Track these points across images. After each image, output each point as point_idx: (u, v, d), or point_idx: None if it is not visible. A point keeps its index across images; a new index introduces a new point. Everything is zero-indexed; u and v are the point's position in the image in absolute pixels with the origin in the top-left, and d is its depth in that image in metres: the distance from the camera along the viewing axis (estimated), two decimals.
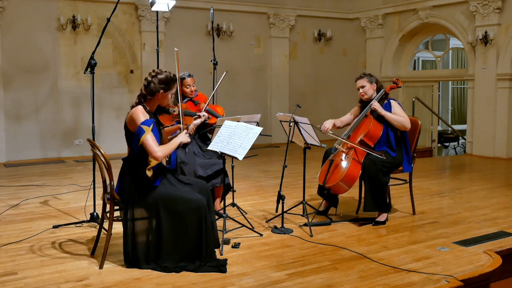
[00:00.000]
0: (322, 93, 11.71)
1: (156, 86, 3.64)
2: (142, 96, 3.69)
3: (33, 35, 8.79)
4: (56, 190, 6.32)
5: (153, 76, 3.67)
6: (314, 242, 4.27)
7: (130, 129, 3.64)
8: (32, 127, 8.86)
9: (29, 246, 4.15)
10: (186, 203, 3.57)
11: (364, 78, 4.94)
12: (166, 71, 3.72)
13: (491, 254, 3.94)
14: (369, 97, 4.90)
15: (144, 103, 3.68)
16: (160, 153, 3.54)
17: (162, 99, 3.72)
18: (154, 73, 3.68)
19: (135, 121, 3.56)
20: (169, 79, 3.68)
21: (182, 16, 9.89)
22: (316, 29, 11.51)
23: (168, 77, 3.68)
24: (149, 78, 3.68)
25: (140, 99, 3.70)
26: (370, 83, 4.90)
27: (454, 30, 9.78)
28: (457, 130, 12.78)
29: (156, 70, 3.71)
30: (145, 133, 3.52)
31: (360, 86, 4.93)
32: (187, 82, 5.11)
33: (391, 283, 3.43)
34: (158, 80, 3.65)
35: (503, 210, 5.40)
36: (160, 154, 3.54)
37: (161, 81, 3.65)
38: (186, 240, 3.59)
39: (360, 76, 5.00)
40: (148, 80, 3.67)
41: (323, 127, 4.90)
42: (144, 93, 3.68)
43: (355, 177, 4.70)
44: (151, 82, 3.65)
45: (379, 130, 4.76)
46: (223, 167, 4.73)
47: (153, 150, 3.52)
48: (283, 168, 4.72)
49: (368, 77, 4.94)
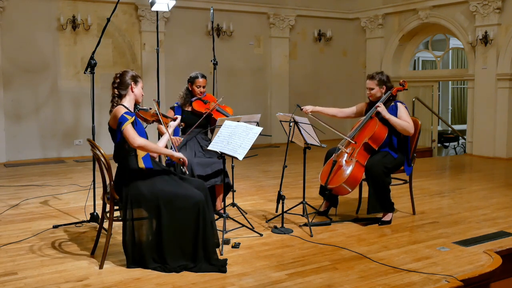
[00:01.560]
0: (322, 93, 11.71)
1: (126, 80, 3.80)
2: (117, 96, 3.81)
3: (33, 35, 8.79)
4: (56, 190, 6.32)
5: (119, 76, 3.84)
6: (314, 242, 4.27)
7: (114, 128, 3.71)
8: (32, 127, 8.87)
9: (29, 246, 4.15)
10: (185, 199, 3.58)
11: (374, 80, 4.86)
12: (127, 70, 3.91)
13: (491, 254, 3.94)
14: (376, 99, 4.89)
15: (122, 103, 3.76)
16: (138, 141, 3.59)
17: (135, 92, 3.83)
18: (118, 74, 3.86)
19: (117, 115, 3.65)
20: (135, 75, 3.86)
21: (182, 16, 9.90)
22: (316, 29, 11.51)
23: (133, 73, 3.86)
24: (116, 80, 3.83)
25: (115, 100, 3.80)
26: (379, 87, 4.86)
27: (454, 30, 9.78)
28: (457, 130, 12.78)
29: (117, 73, 3.88)
30: (127, 121, 3.61)
31: (369, 88, 4.91)
32: (199, 82, 5.08)
33: (391, 283, 3.43)
34: (125, 76, 3.82)
35: (503, 210, 5.40)
36: (137, 142, 3.59)
37: (129, 77, 3.82)
38: (185, 237, 3.58)
39: (372, 75, 4.91)
40: (117, 82, 3.82)
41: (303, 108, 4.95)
42: (117, 93, 3.80)
43: (358, 179, 4.71)
44: (120, 80, 3.81)
45: (384, 133, 4.75)
46: (223, 167, 4.73)
47: (131, 137, 3.60)
48: (283, 168, 4.72)
49: (379, 78, 4.86)
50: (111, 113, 3.74)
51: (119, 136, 3.68)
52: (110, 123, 3.75)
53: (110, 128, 3.76)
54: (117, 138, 3.70)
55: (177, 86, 9.00)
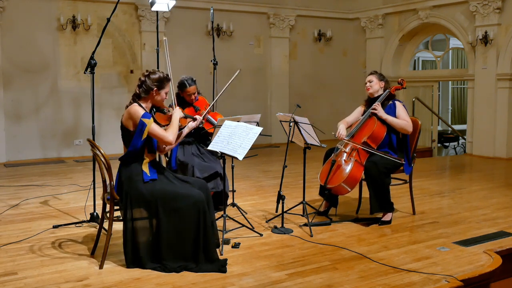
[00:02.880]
0: (322, 93, 11.71)
1: (150, 84, 3.70)
2: (136, 96, 3.75)
3: (33, 35, 8.79)
4: (56, 190, 6.32)
5: (147, 75, 3.73)
6: (314, 242, 4.27)
7: (128, 127, 3.66)
8: (32, 127, 8.86)
9: (29, 246, 4.15)
10: (185, 199, 3.57)
11: (374, 74, 4.97)
12: (160, 71, 3.80)
13: (491, 254, 3.94)
14: (373, 92, 4.90)
15: (139, 102, 3.72)
16: (171, 136, 3.67)
17: (156, 98, 3.76)
18: (147, 73, 3.75)
19: (134, 116, 3.61)
20: (162, 78, 3.75)
21: (182, 16, 9.90)
22: (316, 29, 11.51)
23: (162, 76, 3.75)
24: (142, 78, 3.74)
25: (134, 98, 3.75)
26: (379, 80, 4.91)
27: (454, 30, 9.78)
28: (457, 130, 12.78)
29: (149, 70, 3.78)
30: (148, 124, 3.57)
31: (368, 80, 4.94)
32: (189, 91, 4.98)
33: (391, 283, 3.43)
34: (152, 78, 3.71)
35: (503, 210, 5.40)
36: (171, 137, 3.67)
37: (155, 80, 3.72)
38: (186, 237, 3.58)
39: (371, 72, 5.02)
40: (141, 80, 3.73)
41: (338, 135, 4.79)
42: (138, 93, 3.74)
43: (358, 179, 4.71)
44: (145, 80, 3.71)
45: (383, 131, 4.75)
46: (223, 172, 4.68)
47: (163, 136, 3.64)
48: (283, 168, 4.71)
49: (379, 75, 4.96)
50: (126, 108, 3.70)
51: (140, 143, 3.61)
52: (123, 120, 3.69)
53: (123, 126, 3.69)
54: (137, 144, 3.61)
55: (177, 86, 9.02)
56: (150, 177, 3.66)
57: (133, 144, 3.64)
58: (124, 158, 3.73)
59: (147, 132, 3.59)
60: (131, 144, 3.65)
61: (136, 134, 3.61)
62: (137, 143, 3.62)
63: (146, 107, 3.74)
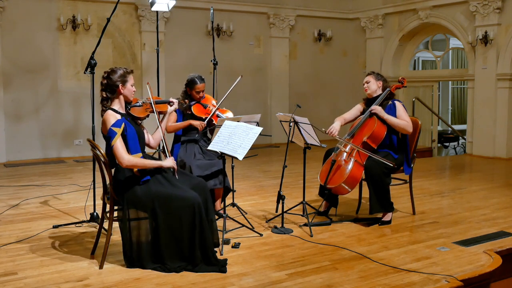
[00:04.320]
0: (322, 93, 11.71)
1: (113, 82, 3.67)
2: (105, 100, 3.72)
3: (33, 35, 8.79)
4: (56, 190, 6.32)
5: (106, 76, 3.71)
6: (314, 242, 4.27)
7: (104, 133, 3.67)
8: (32, 127, 8.86)
9: (29, 246, 4.15)
10: (180, 200, 3.56)
11: (371, 75, 4.96)
12: (116, 67, 3.76)
13: (491, 254, 3.94)
14: (372, 92, 4.89)
15: (111, 106, 3.70)
16: (126, 162, 3.55)
17: (125, 93, 3.72)
18: (105, 74, 3.72)
19: (106, 125, 3.60)
20: (124, 72, 3.71)
21: (182, 16, 9.90)
22: (316, 29, 11.51)
23: (122, 71, 3.71)
24: (103, 80, 3.72)
25: (104, 103, 3.72)
26: (376, 80, 4.90)
27: (454, 30, 9.78)
28: (457, 130, 12.78)
29: (107, 71, 3.74)
30: (115, 136, 3.54)
31: (365, 82, 4.94)
32: (199, 87, 4.98)
33: (391, 283, 3.43)
34: (112, 77, 3.68)
35: (503, 210, 5.40)
36: (126, 163, 3.54)
37: (116, 77, 3.68)
38: (183, 238, 3.58)
39: (368, 72, 5.02)
40: (103, 83, 3.71)
41: (330, 131, 4.75)
42: (105, 96, 3.71)
43: (358, 179, 4.70)
44: (107, 82, 3.69)
45: (383, 131, 4.74)
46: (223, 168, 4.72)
47: (120, 156, 3.54)
48: (283, 168, 4.71)
49: (376, 75, 4.95)
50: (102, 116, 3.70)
51: (109, 150, 3.62)
52: (102, 129, 3.70)
53: (104, 135, 3.70)
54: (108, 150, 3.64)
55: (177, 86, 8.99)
56: (142, 178, 3.65)
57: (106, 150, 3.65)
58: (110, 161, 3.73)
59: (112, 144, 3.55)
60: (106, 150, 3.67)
61: (107, 141, 3.61)
62: (108, 149, 3.63)
63: (120, 108, 3.73)
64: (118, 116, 3.64)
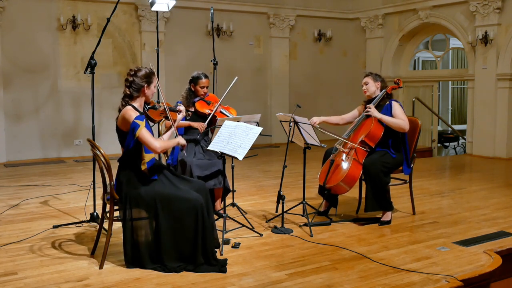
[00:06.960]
0: (322, 93, 11.71)
1: (140, 82, 3.73)
2: (127, 97, 3.76)
3: (33, 35, 8.79)
4: (56, 190, 6.32)
5: (133, 74, 3.76)
6: (314, 242, 4.27)
7: (123, 130, 3.69)
8: (32, 127, 8.86)
9: (29, 246, 4.15)
10: (183, 202, 3.58)
11: (369, 76, 4.97)
12: (143, 67, 3.83)
13: (491, 254, 3.94)
14: (371, 94, 4.91)
15: (131, 103, 3.73)
16: (157, 144, 3.65)
17: (147, 94, 3.80)
18: (133, 72, 3.77)
19: (128, 120, 3.62)
20: (149, 73, 3.79)
21: (182, 16, 9.89)
22: (316, 29, 11.51)
23: (147, 71, 3.79)
24: (129, 78, 3.76)
25: (126, 100, 3.76)
26: (374, 81, 4.91)
27: (454, 30, 9.78)
28: (457, 130, 12.78)
29: (133, 69, 3.80)
30: (139, 127, 3.59)
31: (363, 83, 4.95)
32: (203, 82, 5.06)
33: (391, 283, 3.43)
34: (140, 76, 3.74)
35: (503, 210, 5.40)
36: (157, 145, 3.65)
37: (143, 76, 3.75)
38: (184, 239, 3.59)
39: (366, 74, 5.03)
40: (130, 80, 3.75)
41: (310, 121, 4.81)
42: (129, 93, 3.75)
43: (356, 178, 4.70)
44: (133, 80, 3.74)
45: (380, 130, 4.76)
46: (223, 168, 4.72)
47: (149, 142, 3.62)
48: (283, 168, 4.72)
49: (374, 75, 4.96)
50: (120, 111, 3.72)
51: (132, 143, 3.65)
52: (118, 123, 3.72)
53: (119, 128, 3.73)
54: (130, 143, 3.66)
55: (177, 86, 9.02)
56: (150, 178, 3.67)
57: (126, 144, 3.67)
58: (122, 159, 3.74)
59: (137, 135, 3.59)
60: (125, 145, 3.68)
61: (129, 134, 3.63)
62: (130, 143, 3.65)
63: (139, 106, 3.78)
64: (137, 113, 3.68)
